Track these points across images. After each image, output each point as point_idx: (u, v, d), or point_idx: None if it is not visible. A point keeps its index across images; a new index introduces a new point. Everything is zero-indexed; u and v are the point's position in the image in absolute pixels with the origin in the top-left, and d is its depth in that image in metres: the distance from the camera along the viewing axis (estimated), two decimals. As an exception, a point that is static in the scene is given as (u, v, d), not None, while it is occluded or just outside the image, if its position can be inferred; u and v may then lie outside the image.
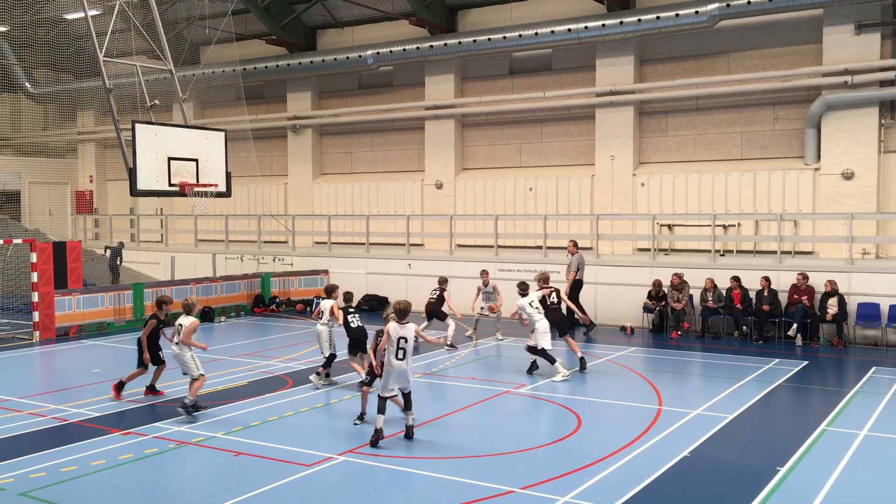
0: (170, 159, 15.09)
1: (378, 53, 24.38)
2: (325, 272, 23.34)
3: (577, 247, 18.72)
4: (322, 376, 12.96)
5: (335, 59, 25.22)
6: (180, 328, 11.16)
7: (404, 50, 23.97)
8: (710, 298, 17.62)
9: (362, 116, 26.42)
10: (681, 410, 11.26)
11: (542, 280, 14.21)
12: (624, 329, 18.70)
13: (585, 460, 9.03)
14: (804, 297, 16.79)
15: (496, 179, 23.96)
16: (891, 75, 18.38)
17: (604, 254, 20.66)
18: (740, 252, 20.25)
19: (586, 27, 21.08)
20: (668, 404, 11.72)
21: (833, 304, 16.42)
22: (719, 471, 8.83)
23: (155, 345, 12.19)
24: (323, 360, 13.01)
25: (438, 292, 16.55)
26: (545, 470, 8.76)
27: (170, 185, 15.12)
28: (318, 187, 27.49)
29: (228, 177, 16.44)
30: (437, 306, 16.38)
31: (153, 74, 19.77)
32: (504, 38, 22.32)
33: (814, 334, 16.66)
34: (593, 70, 22.30)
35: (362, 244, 23.92)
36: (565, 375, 13.20)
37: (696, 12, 19.61)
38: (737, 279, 17.51)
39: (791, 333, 16.92)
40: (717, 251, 19.29)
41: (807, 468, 8.83)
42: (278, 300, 22.68)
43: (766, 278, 17.31)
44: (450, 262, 21.64)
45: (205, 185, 15.74)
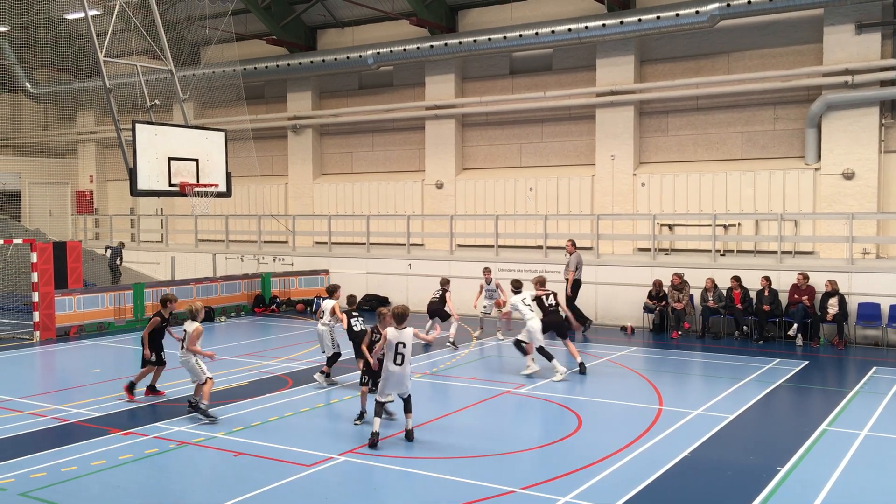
0: (170, 159, 15.09)
1: (378, 53, 24.38)
2: (326, 272, 23.34)
3: (575, 246, 18.76)
4: (325, 375, 12.99)
5: (335, 59, 25.22)
6: (184, 334, 11.06)
7: (404, 50, 23.97)
8: (711, 298, 17.62)
9: (362, 116, 26.42)
10: (681, 410, 11.26)
11: (538, 283, 14.23)
12: (624, 329, 18.71)
13: (586, 460, 9.02)
14: (805, 297, 16.79)
15: (496, 179, 23.96)
16: (891, 75, 18.38)
17: (604, 254, 20.66)
18: (741, 252, 20.25)
19: (587, 27, 21.08)
20: (669, 404, 11.72)
21: (833, 303, 16.42)
22: (720, 471, 8.83)
23: (157, 343, 12.14)
24: (326, 360, 13.02)
25: (441, 293, 16.61)
26: (545, 470, 8.76)
27: (170, 185, 15.12)
28: (318, 187, 27.49)
29: (229, 177, 16.44)
30: (440, 306, 16.46)
31: (153, 74, 19.78)
32: (504, 37, 22.32)
33: (814, 334, 16.66)
34: (594, 70, 22.30)
35: (363, 244, 23.92)
36: (563, 375, 13.22)
37: (697, 12, 19.61)
38: (737, 279, 17.51)
39: (791, 333, 16.92)
40: (718, 251, 19.29)
41: (807, 468, 8.83)
42: (279, 300, 22.68)
43: (767, 278, 17.31)
44: (450, 262, 21.64)
45: (205, 185, 15.75)
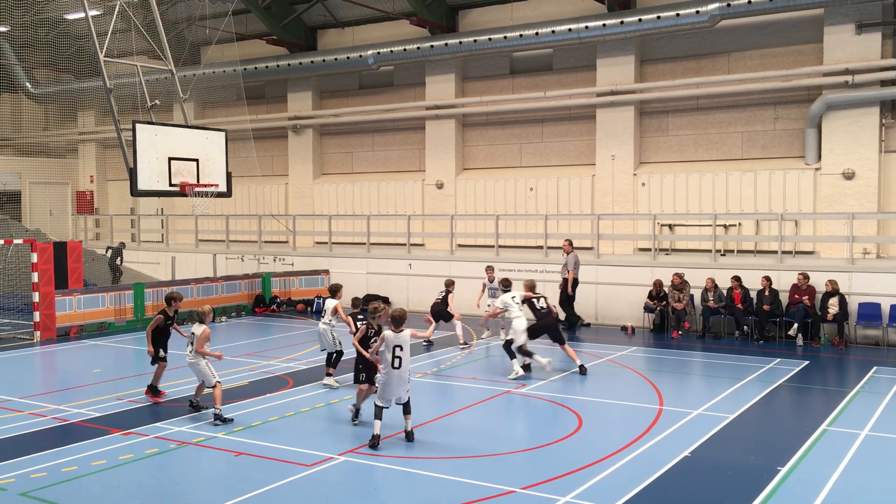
0: (170, 159, 15.08)
1: (378, 53, 24.38)
2: (326, 272, 23.34)
3: (571, 246, 18.82)
4: (330, 376, 12.95)
5: (336, 59, 25.22)
6: (192, 337, 11.00)
7: (405, 50, 23.97)
8: (711, 298, 17.62)
9: (363, 116, 26.41)
10: (682, 410, 11.26)
11: (528, 287, 14.40)
12: (625, 329, 18.70)
13: (586, 460, 9.03)
14: (805, 296, 16.78)
15: (497, 179, 23.95)
16: (892, 75, 18.37)
17: (604, 254, 20.66)
18: (741, 252, 20.25)
19: (587, 27, 21.08)
20: (669, 404, 11.72)
21: (834, 303, 16.41)
22: (720, 471, 8.83)
23: (161, 342, 12.06)
24: (325, 360, 13.01)
25: (444, 294, 16.63)
26: (545, 470, 8.76)
27: (170, 185, 15.11)
28: (318, 187, 27.49)
29: (229, 177, 16.44)
30: (443, 307, 16.49)
31: (154, 74, 19.79)
32: (505, 37, 22.32)
33: (815, 334, 16.66)
34: (594, 70, 22.30)
35: (363, 244, 23.92)
36: (518, 374, 13.35)
37: (697, 12, 19.61)
38: (738, 279, 17.51)
39: (792, 333, 16.92)
40: (718, 251, 19.28)
41: (808, 468, 8.83)
42: (279, 300, 22.68)
43: (767, 278, 17.30)
44: (450, 262, 21.64)
45: (205, 185, 15.74)
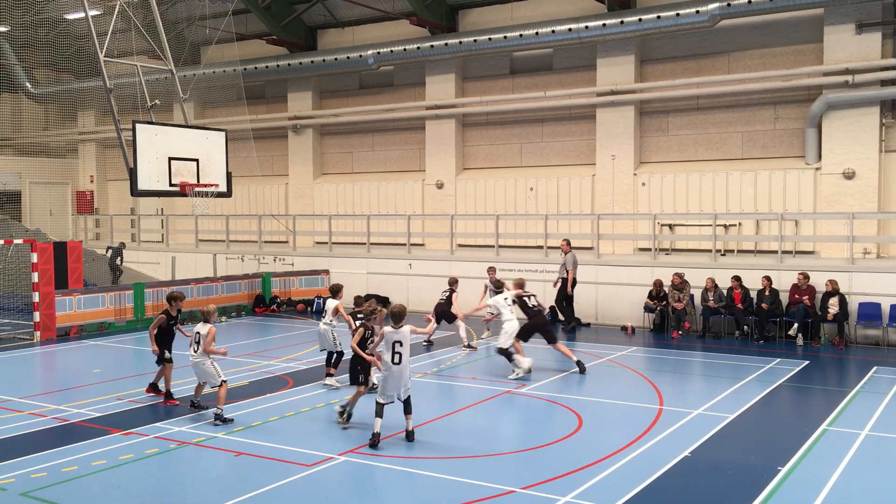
0: (170, 159, 15.09)
1: (379, 53, 24.38)
2: (326, 272, 23.33)
3: (570, 245, 18.84)
4: (331, 376, 12.94)
5: (336, 59, 25.22)
6: (198, 336, 10.94)
7: (405, 50, 23.96)
8: (711, 298, 17.61)
9: (363, 116, 26.41)
10: (682, 410, 11.26)
11: (517, 285, 14.49)
12: (625, 329, 18.70)
13: (586, 460, 9.03)
14: (805, 296, 16.78)
15: (497, 179, 23.95)
16: (892, 74, 18.37)
17: (605, 253, 20.66)
18: (741, 252, 20.25)
19: (587, 27, 21.07)
20: (669, 404, 11.72)
21: (834, 303, 16.41)
22: (720, 471, 8.83)
23: (165, 342, 12.02)
24: (325, 360, 13.02)
25: (448, 293, 16.56)
26: (545, 470, 8.76)
27: (170, 185, 15.12)
28: (318, 187, 27.49)
29: (229, 177, 16.44)
30: (447, 307, 16.39)
31: (154, 74, 19.79)
32: (505, 37, 22.31)
33: (815, 334, 16.66)
34: (594, 70, 22.29)
35: (363, 244, 23.91)
36: (519, 374, 13.36)
37: (697, 12, 19.60)
38: (738, 279, 17.50)
39: (792, 333, 16.92)
40: (718, 251, 19.28)
41: (808, 468, 8.83)
42: (279, 300, 22.68)
43: (767, 278, 17.30)
44: (451, 262, 21.64)
45: (205, 185, 15.75)
